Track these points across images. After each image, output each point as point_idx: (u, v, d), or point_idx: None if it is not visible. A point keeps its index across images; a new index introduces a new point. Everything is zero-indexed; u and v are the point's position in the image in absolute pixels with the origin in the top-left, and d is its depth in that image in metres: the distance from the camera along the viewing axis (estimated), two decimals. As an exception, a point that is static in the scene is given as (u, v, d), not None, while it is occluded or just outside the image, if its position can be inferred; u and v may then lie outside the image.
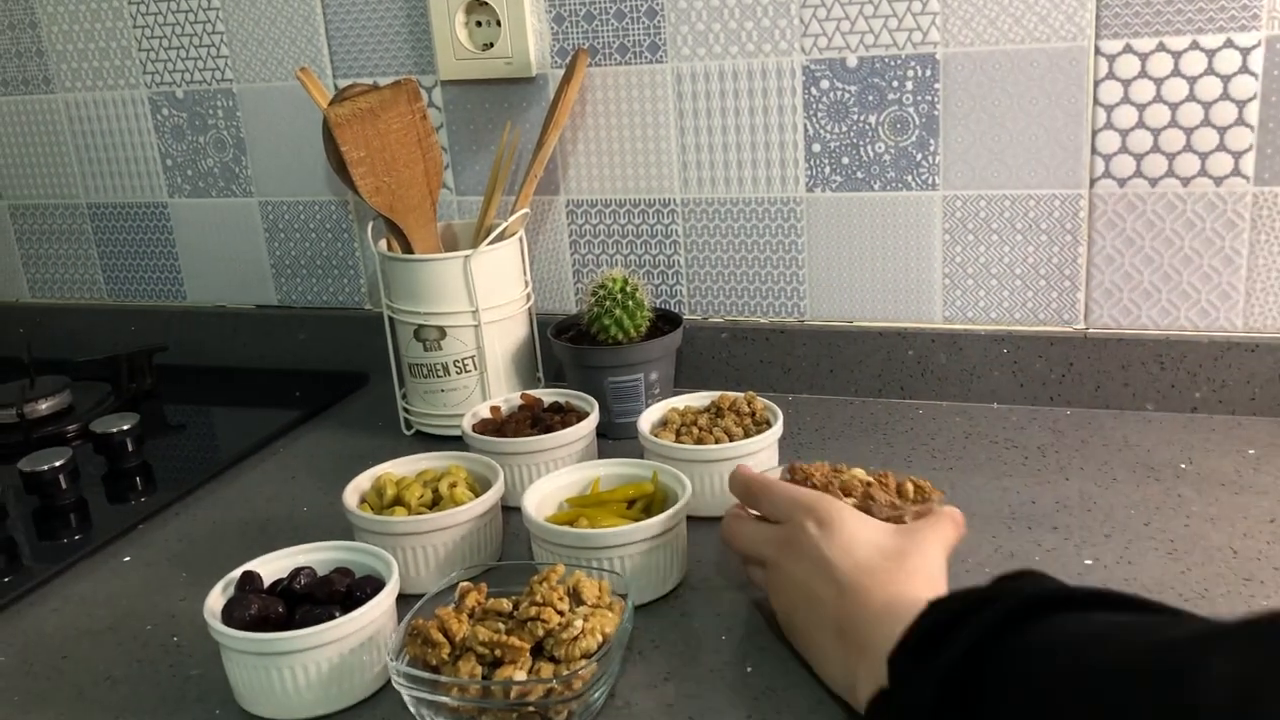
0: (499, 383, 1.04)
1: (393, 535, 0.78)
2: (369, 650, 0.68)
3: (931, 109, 0.99)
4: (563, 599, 0.66)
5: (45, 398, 1.14)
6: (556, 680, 0.61)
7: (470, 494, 0.82)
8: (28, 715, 0.70)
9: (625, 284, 1.01)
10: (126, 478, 1.02)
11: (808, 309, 1.09)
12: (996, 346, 1.02)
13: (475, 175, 1.15)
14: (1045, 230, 1.00)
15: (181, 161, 1.26)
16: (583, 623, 0.64)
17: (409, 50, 1.13)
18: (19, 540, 0.92)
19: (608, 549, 0.74)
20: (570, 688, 0.61)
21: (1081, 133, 0.96)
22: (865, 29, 0.99)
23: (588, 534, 0.74)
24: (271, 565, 0.73)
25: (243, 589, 0.71)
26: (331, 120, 0.95)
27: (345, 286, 1.25)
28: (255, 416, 1.14)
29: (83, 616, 0.80)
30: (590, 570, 0.70)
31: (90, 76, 1.27)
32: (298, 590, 0.70)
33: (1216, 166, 0.94)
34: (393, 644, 0.66)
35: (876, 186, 1.03)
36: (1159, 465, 0.90)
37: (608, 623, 0.65)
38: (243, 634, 0.66)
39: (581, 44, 1.07)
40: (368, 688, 0.68)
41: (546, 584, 0.67)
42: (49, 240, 1.36)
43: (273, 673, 0.66)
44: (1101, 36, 0.94)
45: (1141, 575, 0.75)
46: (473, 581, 0.70)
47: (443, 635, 0.64)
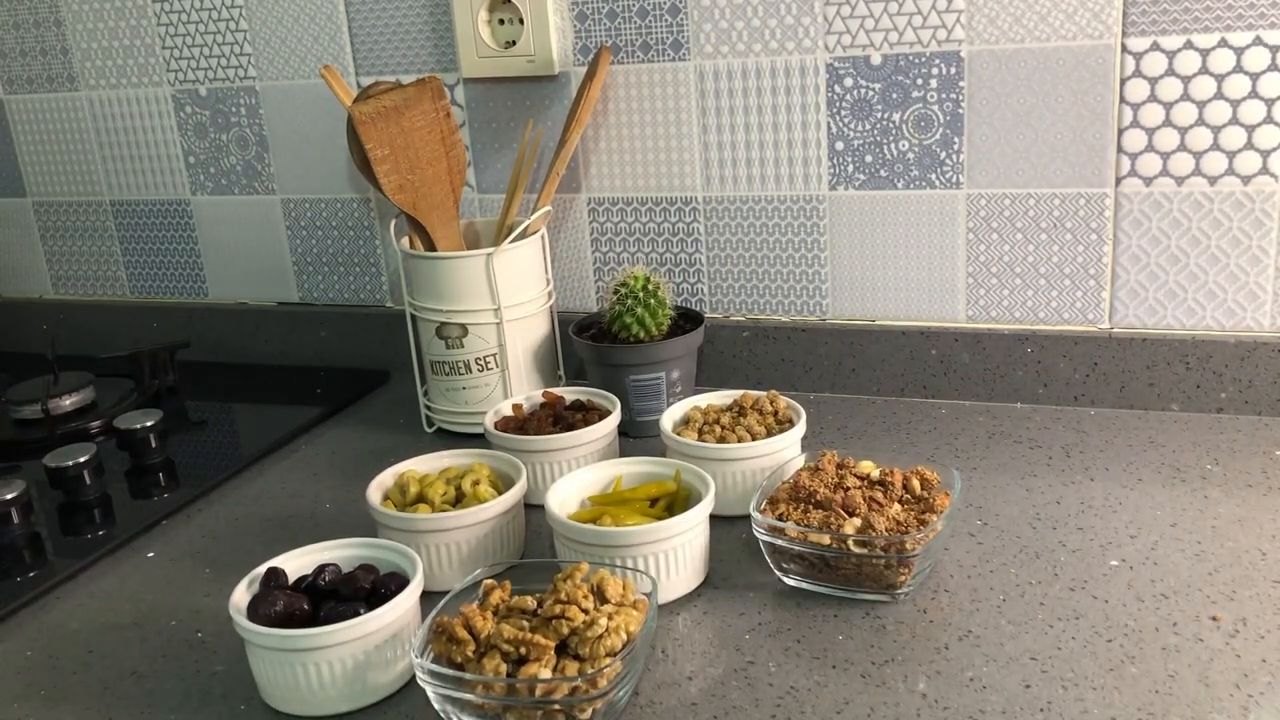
0: (520, 380, 1.04)
1: (416, 532, 0.78)
2: (393, 647, 0.68)
3: (956, 107, 0.99)
4: (587, 596, 0.66)
5: (69, 394, 1.14)
6: (581, 678, 0.61)
7: (493, 491, 0.82)
8: (54, 709, 0.70)
9: (647, 282, 1.01)
10: (150, 474, 1.03)
11: (830, 307, 1.08)
12: (1020, 346, 1.02)
13: (497, 173, 1.15)
14: (1070, 229, 0.99)
15: (204, 159, 1.27)
16: (607, 621, 0.64)
17: (431, 48, 1.13)
18: (44, 535, 0.92)
19: (632, 547, 0.74)
20: (595, 686, 0.61)
21: (1107, 131, 0.96)
22: (889, 26, 0.99)
23: (612, 532, 0.74)
24: (296, 561, 0.73)
25: (268, 585, 0.71)
26: (356, 118, 0.96)
27: (367, 284, 1.25)
28: (277, 413, 1.14)
29: (107, 612, 0.81)
30: (614, 568, 0.70)
31: (114, 74, 1.27)
32: (322, 587, 0.70)
33: (1244, 165, 0.93)
34: (417, 641, 0.66)
35: (900, 185, 1.03)
36: (1184, 466, 0.89)
37: (632, 621, 0.65)
38: (268, 630, 0.66)
39: (604, 42, 1.07)
40: (392, 685, 0.68)
41: (570, 582, 0.67)
42: (73, 237, 1.37)
43: (298, 669, 0.66)
44: (1128, 34, 0.93)
45: (1168, 576, 0.74)
46: (496, 579, 0.70)
47: (467, 632, 0.64)
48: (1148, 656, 0.67)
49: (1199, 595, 0.72)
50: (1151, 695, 0.63)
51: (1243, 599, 0.71)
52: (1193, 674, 0.65)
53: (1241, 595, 0.72)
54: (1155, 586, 0.73)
